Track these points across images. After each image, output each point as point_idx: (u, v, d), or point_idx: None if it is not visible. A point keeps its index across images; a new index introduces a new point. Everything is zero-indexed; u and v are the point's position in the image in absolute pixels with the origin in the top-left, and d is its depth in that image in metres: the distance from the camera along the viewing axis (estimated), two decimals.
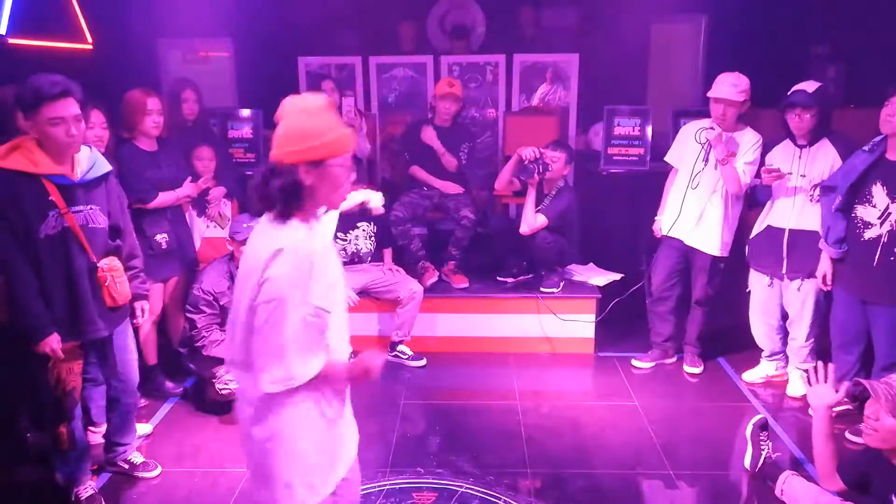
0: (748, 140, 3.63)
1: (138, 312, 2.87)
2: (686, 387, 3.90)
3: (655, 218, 4.02)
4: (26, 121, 2.40)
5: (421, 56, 5.59)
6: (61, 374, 2.61)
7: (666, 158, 3.99)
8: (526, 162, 4.09)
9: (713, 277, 3.85)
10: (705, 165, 3.71)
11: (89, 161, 2.58)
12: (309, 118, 1.73)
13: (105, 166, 2.65)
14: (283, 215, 1.74)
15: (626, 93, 5.40)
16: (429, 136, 4.48)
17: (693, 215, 3.77)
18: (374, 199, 2.40)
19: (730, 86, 3.55)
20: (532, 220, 4.15)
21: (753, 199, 3.66)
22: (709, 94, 3.64)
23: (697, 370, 3.99)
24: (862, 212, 3.13)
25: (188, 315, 3.49)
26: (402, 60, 5.58)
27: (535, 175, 4.08)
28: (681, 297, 4.04)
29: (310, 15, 5.65)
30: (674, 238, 3.89)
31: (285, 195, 1.72)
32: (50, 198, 2.45)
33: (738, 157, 3.59)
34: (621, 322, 4.35)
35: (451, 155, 4.51)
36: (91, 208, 2.58)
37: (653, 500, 2.99)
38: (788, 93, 3.43)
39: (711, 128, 3.63)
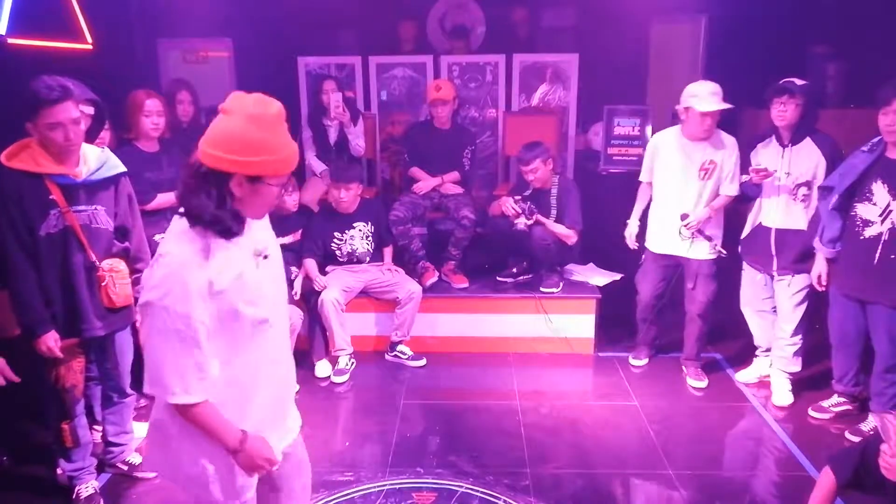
0: (726, 145, 3.59)
1: (137, 318, 2.85)
2: (685, 387, 3.89)
3: (628, 221, 3.92)
4: (27, 123, 2.42)
5: (421, 56, 5.59)
6: (60, 371, 2.62)
7: (642, 178, 3.89)
8: (512, 219, 4.11)
9: (711, 280, 3.74)
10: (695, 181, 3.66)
11: (98, 161, 2.60)
12: (259, 128, 1.57)
13: (116, 168, 2.67)
14: (198, 218, 1.61)
15: (626, 93, 5.40)
16: (421, 185, 4.58)
17: (679, 228, 3.70)
18: None
19: (716, 96, 3.47)
20: (566, 232, 4.17)
21: (743, 195, 3.64)
22: (703, 110, 3.43)
23: (704, 384, 3.87)
24: (862, 210, 3.13)
25: None
26: (401, 60, 5.57)
27: (532, 219, 4.11)
28: (667, 300, 4.01)
29: (310, 15, 5.64)
30: (661, 254, 3.84)
31: (210, 202, 1.59)
32: (51, 197, 2.48)
33: (718, 170, 3.59)
34: (621, 322, 4.35)
35: (452, 172, 4.60)
36: (95, 209, 2.60)
37: (653, 500, 2.99)
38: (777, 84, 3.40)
39: (685, 216, 3.62)
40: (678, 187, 3.68)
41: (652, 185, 3.83)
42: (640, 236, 3.94)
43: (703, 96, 3.47)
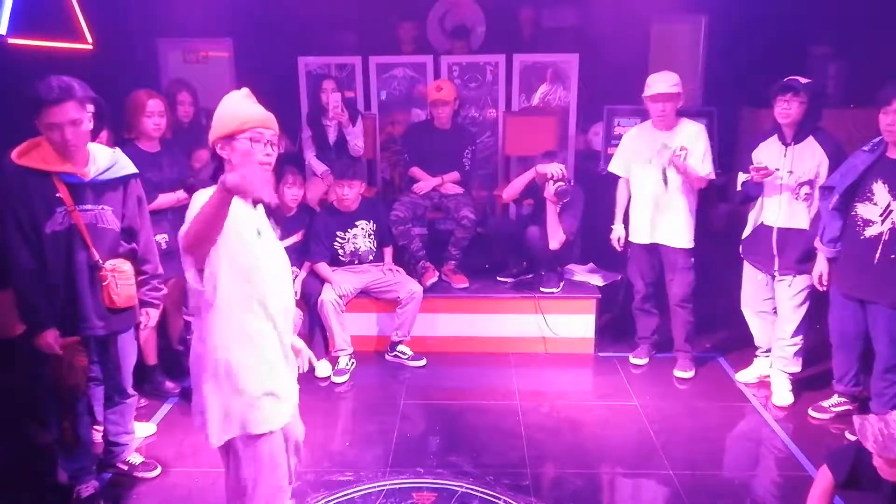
0: (691, 131, 3.73)
1: (141, 319, 2.84)
2: (686, 386, 3.90)
3: (612, 227, 4.03)
4: (36, 121, 2.44)
5: (421, 56, 5.59)
6: (61, 370, 2.62)
7: (610, 168, 4.02)
8: (554, 182, 4.05)
9: (687, 272, 3.85)
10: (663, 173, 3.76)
11: (109, 161, 2.61)
12: (224, 106, 1.98)
13: (126, 169, 2.68)
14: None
15: (626, 93, 5.40)
16: (421, 185, 4.56)
17: (659, 216, 3.82)
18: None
19: (662, 82, 3.67)
20: (560, 235, 4.15)
21: (745, 195, 3.65)
22: (644, 95, 3.71)
23: (688, 374, 3.94)
24: (862, 209, 3.13)
25: (186, 315, 3.49)
26: (401, 60, 5.57)
27: (569, 192, 4.08)
28: (661, 291, 4.05)
29: (310, 15, 5.64)
30: (643, 244, 3.93)
31: (211, 167, 1.97)
32: (58, 195, 2.50)
33: (690, 156, 3.69)
34: (621, 322, 4.35)
35: (452, 172, 4.59)
36: (102, 208, 2.61)
37: (653, 500, 2.99)
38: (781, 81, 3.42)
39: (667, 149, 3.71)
40: (650, 177, 3.81)
41: (629, 182, 3.95)
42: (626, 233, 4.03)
43: (652, 84, 3.70)
